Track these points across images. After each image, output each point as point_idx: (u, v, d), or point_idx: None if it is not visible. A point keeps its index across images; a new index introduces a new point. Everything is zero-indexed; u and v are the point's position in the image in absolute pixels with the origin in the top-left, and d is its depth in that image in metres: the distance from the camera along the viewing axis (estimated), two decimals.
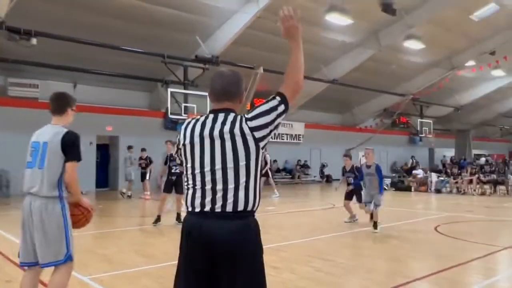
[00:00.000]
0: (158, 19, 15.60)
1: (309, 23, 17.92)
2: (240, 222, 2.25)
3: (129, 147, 16.06)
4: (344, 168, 10.33)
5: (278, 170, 24.95)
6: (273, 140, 24.56)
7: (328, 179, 26.68)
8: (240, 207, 2.24)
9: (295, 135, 25.84)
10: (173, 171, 9.44)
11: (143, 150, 15.62)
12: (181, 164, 8.75)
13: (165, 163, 9.57)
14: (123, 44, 15.67)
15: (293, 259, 6.19)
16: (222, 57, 17.48)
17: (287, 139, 25.35)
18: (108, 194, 17.57)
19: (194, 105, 17.63)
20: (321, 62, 21.53)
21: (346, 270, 5.62)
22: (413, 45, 20.90)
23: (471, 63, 24.59)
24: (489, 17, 20.32)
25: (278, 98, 2.42)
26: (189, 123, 2.43)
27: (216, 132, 2.29)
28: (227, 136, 2.27)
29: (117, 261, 6.21)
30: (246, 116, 2.34)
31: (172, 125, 19.16)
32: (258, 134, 2.29)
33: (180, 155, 2.42)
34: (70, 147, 3.46)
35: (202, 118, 2.41)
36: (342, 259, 6.20)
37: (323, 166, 27.09)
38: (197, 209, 2.27)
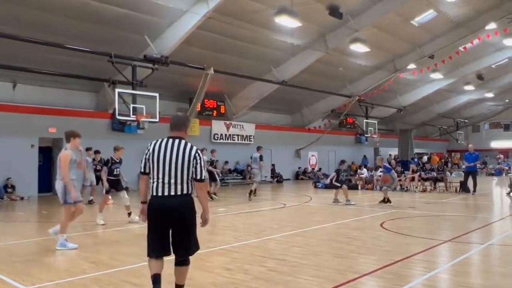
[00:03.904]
0: (105, 17, 15.13)
1: (259, 26, 18.13)
2: (184, 198, 4.13)
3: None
4: None
5: (229, 171, 24.94)
6: (225, 141, 24.56)
7: (278, 179, 27.01)
8: (184, 191, 4.12)
9: (246, 135, 25.95)
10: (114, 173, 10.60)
11: (97, 152, 14.86)
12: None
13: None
14: (67, 42, 15.05)
15: (246, 260, 6.22)
16: (172, 57, 17.24)
17: (238, 140, 25.40)
18: (52, 199, 16.77)
19: (143, 106, 17.24)
20: (271, 64, 21.81)
21: (299, 269, 5.72)
22: (358, 48, 21.61)
23: (412, 66, 25.81)
24: (428, 23, 21.48)
25: (202, 177, 4.18)
26: (155, 143, 4.22)
27: (174, 151, 4.12)
28: (181, 156, 4.11)
29: (63, 268, 5.96)
30: (198, 150, 4.18)
31: (120, 126, 18.62)
32: (194, 162, 4.14)
33: (148, 161, 4.20)
34: None
35: (165, 140, 4.20)
36: (294, 258, 6.30)
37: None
38: (159, 193, 4.10)
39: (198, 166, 4.11)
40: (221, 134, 24.54)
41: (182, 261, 4.21)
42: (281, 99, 25.51)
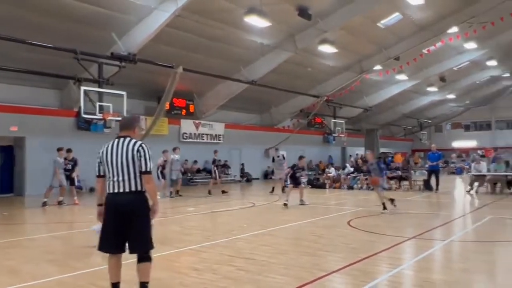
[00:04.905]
0: (71, 12, 14.73)
1: (229, 25, 18.09)
2: (136, 195, 4.32)
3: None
4: None
5: (198, 171, 24.79)
6: (194, 140, 24.38)
7: (248, 179, 27.06)
8: (133, 188, 4.30)
9: (215, 135, 25.84)
10: None
11: (69, 150, 14.33)
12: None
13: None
14: (30, 37, 14.52)
15: (215, 259, 6.21)
16: (140, 55, 16.94)
17: (207, 139, 25.26)
18: (14, 200, 16.23)
19: (110, 104, 16.88)
20: (241, 63, 21.80)
21: (267, 267, 5.76)
22: (326, 49, 21.91)
23: (378, 67, 26.40)
24: (394, 26, 22.03)
25: (147, 169, 4.35)
26: (105, 146, 4.43)
27: (119, 149, 4.34)
28: (125, 152, 4.31)
29: (25, 272, 5.76)
30: (142, 144, 4.36)
31: (86, 125, 18.16)
32: (138, 155, 4.32)
33: (101, 163, 4.42)
34: None
35: (112, 141, 4.41)
36: (263, 257, 6.34)
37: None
38: (112, 191, 4.33)
39: (143, 158, 4.29)
40: (190, 133, 24.35)
41: (141, 258, 4.32)
42: (251, 98, 25.56)
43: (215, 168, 17.71)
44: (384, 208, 11.20)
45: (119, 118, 16.88)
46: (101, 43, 16.42)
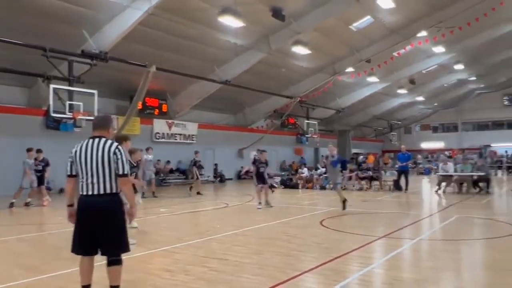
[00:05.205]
0: (40, 7, 14.32)
1: (203, 24, 18.00)
2: (110, 197, 4.23)
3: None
4: None
5: (171, 171, 24.55)
6: (166, 140, 24.13)
7: (221, 179, 26.98)
8: (108, 191, 4.20)
9: (189, 135, 25.66)
10: None
11: (39, 151, 13.86)
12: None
13: None
14: None
15: (188, 260, 6.17)
16: (112, 53, 16.63)
17: (180, 139, 25.05)
18: None
19: (80, 103, 16.50)
20: (214, 63, 21.71)
21: (240, 268, 5.77)
22: (300, 50, 22.09)
23: (350, 69, 26.81)
24: (366, 29, 22.42)
25: (124, 172, 4.26)
26: (78, 145, 4.30)
27: (94, 150, 4.20)
28: (101, 154, 4.19)
29: None
30: (118, 146, 4.26)
31: (55, 124, 17.71)
32: (114, 157, 4.22)
33: (74, 162, 4.26)
34: None
35: (86, 141, 4.28)
36: (236, 257, 6.35)
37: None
38: (85, 192, 4.22)
39: (119, 161, 4.21)
40: (163, 133, 24.09)
41: (112, 261, 4.24)
42: (224, 98, 25.50)
43: (196, 169, 17.43)
44: (344, 207, 11.54)
45: (90, 118, 16.57)
46: (72, 41, 16.04)
